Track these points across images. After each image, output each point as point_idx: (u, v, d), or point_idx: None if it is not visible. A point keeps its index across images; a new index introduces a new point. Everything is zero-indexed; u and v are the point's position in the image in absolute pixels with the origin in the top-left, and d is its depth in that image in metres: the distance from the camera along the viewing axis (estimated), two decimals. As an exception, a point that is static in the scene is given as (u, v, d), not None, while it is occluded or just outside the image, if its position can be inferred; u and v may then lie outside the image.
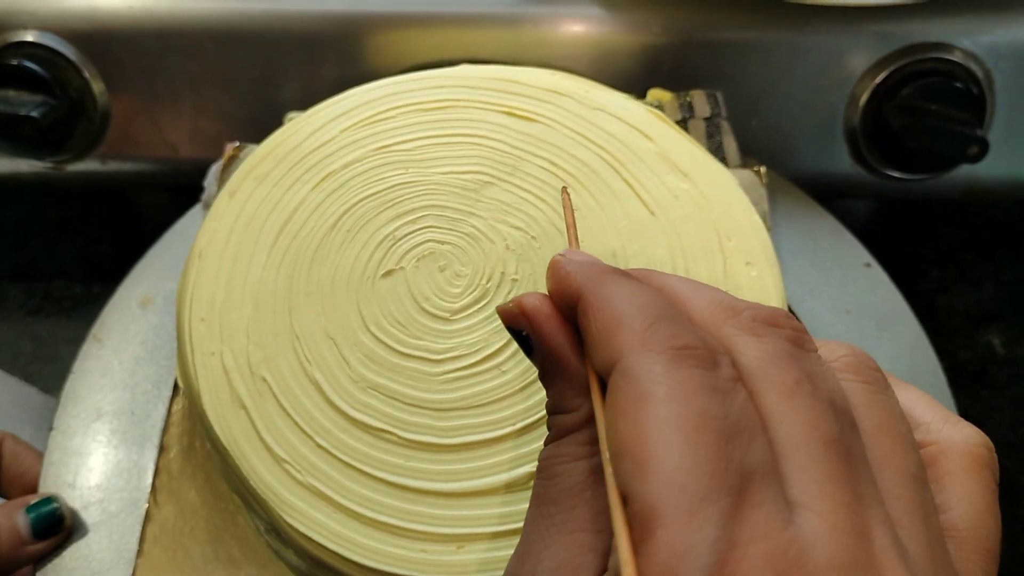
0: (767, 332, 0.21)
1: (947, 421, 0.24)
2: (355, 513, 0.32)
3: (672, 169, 0.39)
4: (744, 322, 0.22)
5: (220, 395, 0.35)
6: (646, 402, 0.19)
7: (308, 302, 0.36)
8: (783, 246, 0.49)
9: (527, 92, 0.41)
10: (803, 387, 0.20)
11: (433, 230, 0.37)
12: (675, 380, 0.19)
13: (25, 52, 0.53)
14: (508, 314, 0.25)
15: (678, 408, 0.19)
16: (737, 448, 0.18)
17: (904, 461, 0.21)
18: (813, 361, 0.21)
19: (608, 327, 0.21)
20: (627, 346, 0.20)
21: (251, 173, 0.40)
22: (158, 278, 0.48)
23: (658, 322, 0.21)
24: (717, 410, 0.19)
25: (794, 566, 0.17)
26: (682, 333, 0.20)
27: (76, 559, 0.40)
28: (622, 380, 0.20)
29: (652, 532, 0.17)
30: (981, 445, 0.23)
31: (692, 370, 0.19)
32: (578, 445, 0.22)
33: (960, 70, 0.53)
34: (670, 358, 0.20)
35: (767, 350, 0.21)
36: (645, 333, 0.20)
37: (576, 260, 0.24)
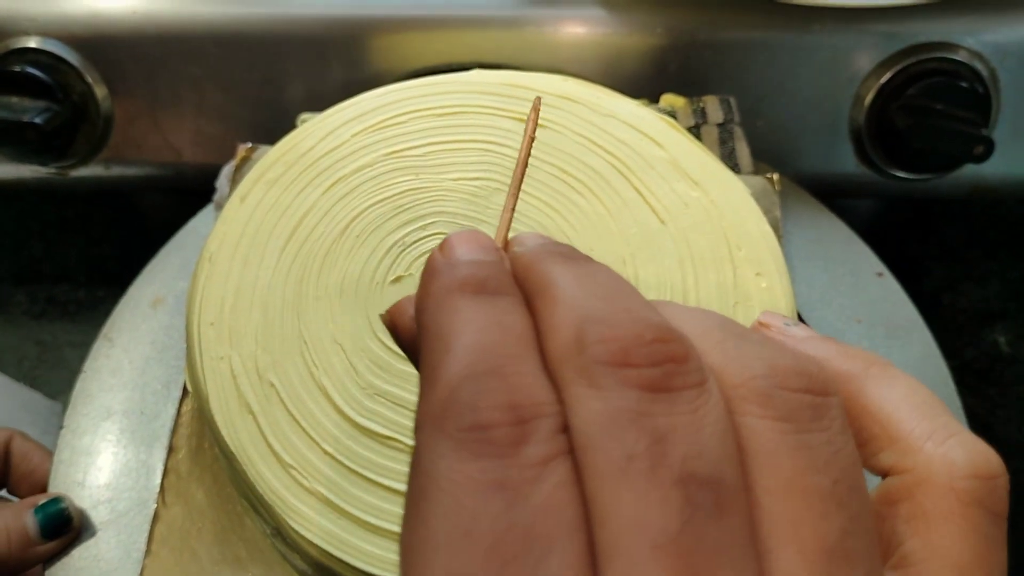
0: (606, 381, 0.16)
1: (931, 438, 0.19)
2: (360, 520, 0.32)
3: (683, 177, 0.39)
4: (585, 364, 0.16)
5: (228, 399, 0.35)
6: (419, 509, 0.16)
7: (317, 307, 0.36)
8: (795, 253, 0.48)
9: (538, 98, 0.41)
10: (635, 464, 0.15)
11: (442, 237, 0.37)
12: (453, 479, 0.15)
13: (28, 58, 0.54)
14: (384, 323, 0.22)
15: (445, 523, 0.15)
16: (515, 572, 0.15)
17: (814, 532, 0.16)
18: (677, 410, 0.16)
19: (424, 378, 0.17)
20: (423, 417, 0.17)
21: (262, 177, 0.40)
22: (169, 278, 0.48)
23: (466, 382, 0.16)
24: (493, 522, 0.15)
25: None
26: (485, 400, 0.16)
27: (85, 558, 0.40)
28: (412, 469, 0.17)
29: None
30: (968, 476, 0.18)
31: (476, 462, 0.15)
32: None
33: (965, 69, 0.52)
34: (454, 445, 0.16)
35: (600, 409, 0.16)
36: (445, 401, 0.16)
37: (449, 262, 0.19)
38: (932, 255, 0.67)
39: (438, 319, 0.18)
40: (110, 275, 0.65)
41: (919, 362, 0.45)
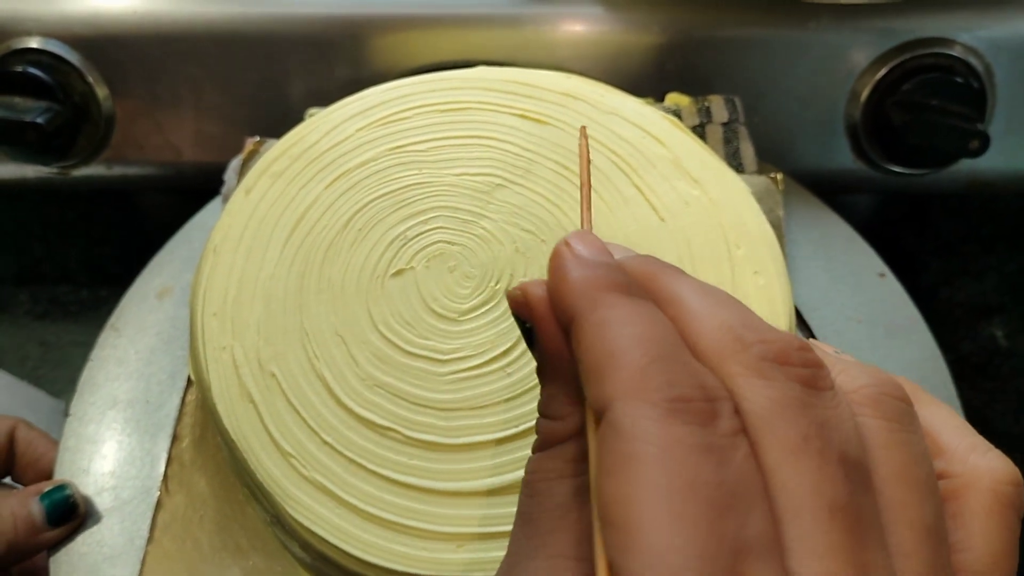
0: (775, 374, 0.19)
1: (974, 450, 0.22)
2: (358, 509, 0.33)
3: (684, 176, 0.39)
4: (751, 360, 0.19)
5: (230, 389, 0.35)
6: (634, 464, 0.18)
7: (318, 300, 0.37)
8: (796, 252, 0.49)
9: (541, 95, 0.41)
10: (811, 444, 0.18)
11: (444, 231, 0.38)
12: (666, 440, 0.18)
13: (29, 58, 0.54)
14: (513, 300, 0.24)
15: (668, 475, 0.17)
16: (731, 521, 0.17)
17: (919, 513, 0.19)
18: (828, 404, 0.19)
19: (600, 364, 0.19)
20: (618, 391, 0.19)
21: (267, 170, 0.40)
22: (176, 269, 0.49)
23: (654, 363, 0.19)
24: (710, 477, 0.17)
25: None
26: (679, 380, 0.19)
27: (88, 544, 0.41)
28: (611, 433, 0.18)
29: None
30: (1008, 482, 0.21)
31: (686, 427, 0.18)
32: (563, 461, 0.21)
33: (960, 65, 0.53)
34: (663, 412, 0.18)
35: (773, 397, 0.19)
36: (638, 377, 0.19)
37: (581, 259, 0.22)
38: (929, 249, 0.67)
39: (600, 312, 0.20)
40: (112, 275, 0.66)
41: (919, 363, 0.45)
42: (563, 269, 0.22)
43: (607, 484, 0.18)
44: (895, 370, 0.44)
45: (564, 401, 0.22)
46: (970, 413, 0.44)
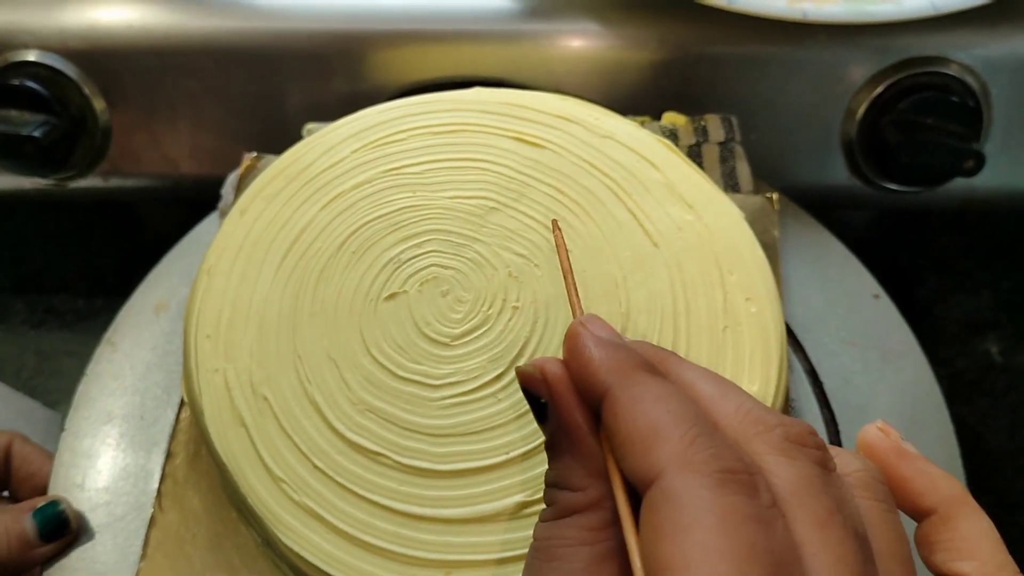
0: (799, 454, 0.21)
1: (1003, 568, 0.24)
2: (348, 535, 0.33)
3: (678, 201, 0.39)
4: (776, 440, 0.21)
5: (222, 412, 0.35)
6: (694, 530, 0.19)
7: (311, 323, 0.37)
8: (791, 273, 0.49)
9: (537, 118, 0.41)
10: (835, 517, 0.20)
11: (437, 255, 0.38)
12: (723, 509, 0.19)
13: (26, 72, 0.54)
14: (528, 377, 0.25)
15: (728, 540, 0.18)
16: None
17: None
18: (839, 484, 0.22)
19: (644, 436, 0.21)
20: (668, 463, 0.20)
21: (262, 191, 0.40)
22: (173, 284, 0.49)
23: (699, 439, 0.20)
24: (764, 544, 0.19)
25: None
26: (724, 454, 0.20)
27: (82, 560, 0.41)
28: (665, 502, 0.19)
29: None
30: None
31: (737, 497, 0.19)
32: (582, 529, 0.22)
33: (956, 84, 0.53)
34: (716, 483, 0.19)
35: (801, 475, 0.21)
36: (687, 451, 0.20)
37: (600, 339, 0.24)
38: (924, 266, 0.67)
39: (634, 388, 0.22)
40: (109, 285, 0.66)
41: (913, 386, 0.45)
42: (586, 348, 0.23)
43: (664, 548, 0.19)
44: (888, 393, 0.45)
45: (582, 473, 0.23)
46: (964, 430, 0.44)
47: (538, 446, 0.33)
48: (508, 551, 0.32)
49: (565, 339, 0.24)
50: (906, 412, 0.44)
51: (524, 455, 0.33)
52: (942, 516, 0.25)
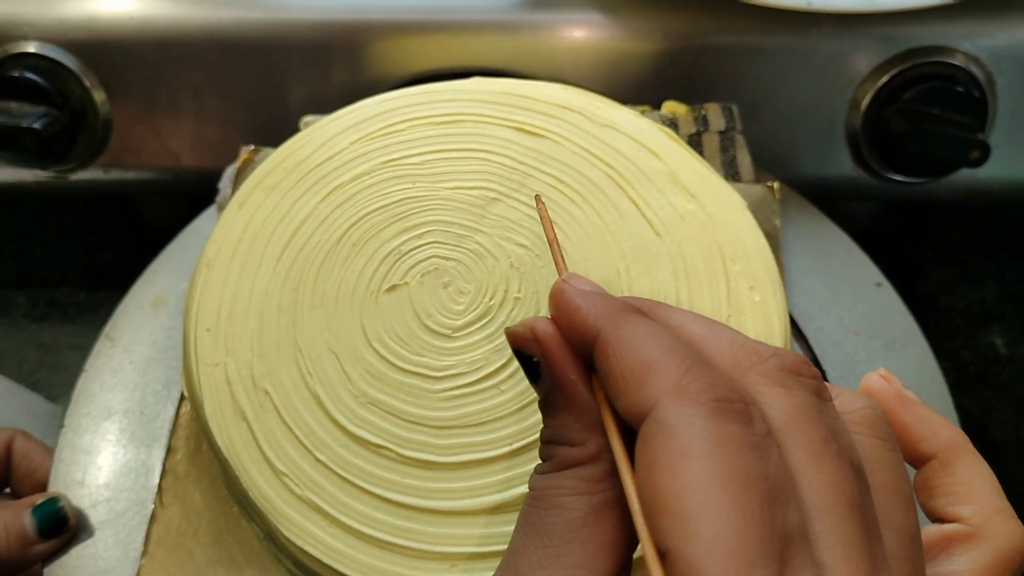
0: (794, 384, 0.21)
1: (1000, 513, 0.24)
2: (351, 528, 0.33)
3: (680, 190, 0.39)
4: (770, 371, 0.21)
5: (223, 406, 0.35)
6: (688, 458, 0.19)
7: (312, 315, 0.36)
8: (793, 263, 0.48)
9: (537, 107, 0.41)
10: (830, 446, 0.20)
11: (438, 246, 0.38)
12: (718, 436, 0.19)
13: (26, 63, 0.54)
14: (518, 338, 0.24)
15: (723, 467, 0.18)
16: (779, 511, 0.19)
17: (906, 522, 0.21)
18: (834, 414, 0.21)
19: (636, 371, 0.21)
20: (662, 394, 0.20)
21: (261, 183, 0.40)
22: (172, 279, 0.49)
23: (693, 369, 0.20)
24: (760, 470, 0.19)
25: None
26: (719, 383, 0.20)
27: (83, 557, 0.41)
28: (659, 431, 0.19)
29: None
30: (1017, 550, 0.24)
31: (733, 425, 0.19)
32: (581, 480, 0.22)
33: (961, 74, 0.52)
34: (711, 411, 0.19)
35: (796, 404, 0.21)
36: (681, 381, 0.20)
37: (584, 291, 0.23)
38: (929, 257, 0.67)
39: (625, 328, 0.22)
40: (110, 279, 0.66)
41: (916, 375, 0.45)
42: (572, 300, 0.23)
43: (659, 477, 0.19)
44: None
45: (579, 428, 0.23)
46: (968, 421, 0.44)
47: (542, 437, 0.33)
48: (512, 543, 0.32)
49: (550, 297, 0.24)
50: (910, 401, 0.44)
51: (527, 446, 0.33)
52: (941, 461, 0.25)
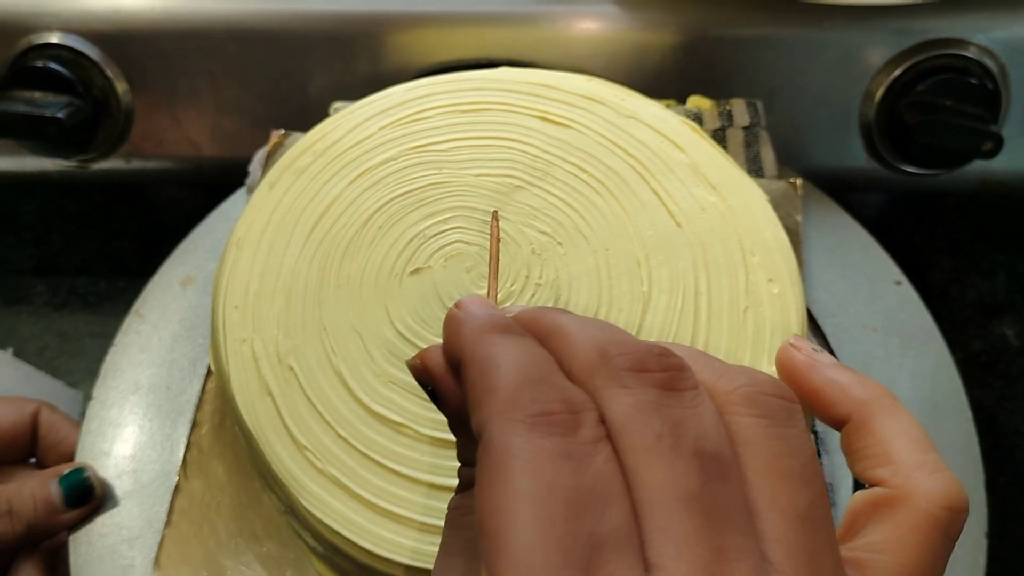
0: (633, 382, 0.21)
1: (922, 467, 0.23)
2: (371, 503, 0.33)
3: (702, 181, 0.39)
4: (612, 372, 0.21)
5: (249, 381, 0.36)
6: (502, 476, 0.19)
7: (337, 295, 0.37)
8: (813, 259, 0.49)
9: (563, 97, 0.42)
10: (663, 442, 0.20)
11: (462, 231, 0.38)
12: (530, 452, 0.19)
13: (49, 54, 0.55)
14: (414, 368, 0.25)
15: (528, 483, 0.19)
16: (587, 519, 0.18)
17: (790, 501, 0.20)
18: (685, 405, 0.21)
19: (478, 393, 0.21)
20: (491, 414, 0.20)
21: (291, 166, 0.41)
22: (200, 259, 0.50)
23: (523, 386, 0.20)
24: (568, 480, 0.19)
25: None
26: (544, 397, 0.20)
27: (108, 526, 0.42)
28: (484, 452, 0.20)
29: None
30: (944, 506, 0.22)
31: (548, 439, 0.19)
32: None
33: (975, 66, 0.52)
34: (529, 427, 0.19)
35: (631, 403, 0.20)
36: (508, 399, 0.20)
37: (467, 316, 0.24)
38: (940, 248, 0.67)
39: (481, 349, 0.22)
40: (129, 268, 0.67)
41: (932, 373, 0.45)
42: (454, 325, 0.24)
43: (482, 497, 0.19)
44: (908, 379, 0.45)
45: (473, 448, 0.22)
46: (979, 412, 0.45)
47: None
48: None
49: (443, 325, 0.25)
50: (926, 399, 0.44)
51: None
52: (855, 423, 0.24)
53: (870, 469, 0.24)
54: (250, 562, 0.40)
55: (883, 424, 0.24)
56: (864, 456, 0.24)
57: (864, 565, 0.22)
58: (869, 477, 0.24)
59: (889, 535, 0.22)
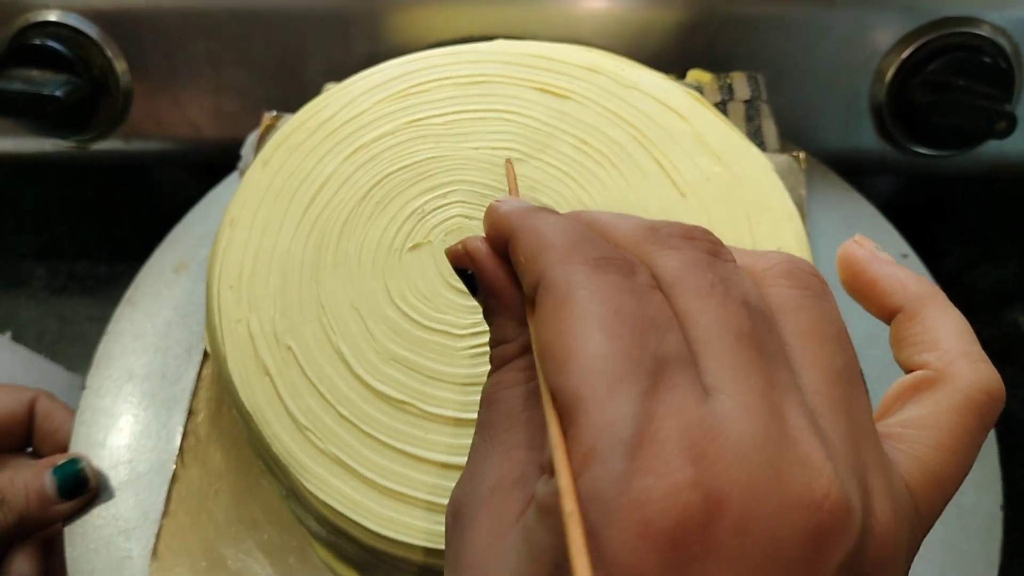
0: (684, 244, 0.22)
1: (965, 356, 0.24)
2: (373, 483, 0.32)
3: (706, 151, 0.38)
4: (662, 238, 0.23)
5: (246, 362, 0.35)
6: (568, 306, 0.20)
7: (335, 273, 0.36)
8: (818, 232, 0.48)
9: (562, 69, 0.41)
10: (716, 289, 0.21)
11: (462, 205, 0.37)
12: (594, 284, 0.20)
13: (48, 32, 0.54)
14: (454, 254, 0.26)
15: (596, 307, 0.20)
16: (652, 338, 0.19)
17: (829, 360, 0.21)
18: (728, 268, 0.22)
19: (534, 251, 0.22)
20: (550, 263, 0.21)
21: (284, 143, 0.40)
22: (193, 244, 0.49)
23: (580, 240, 0.22)
24: (631, 307, 0.20)
25: (708, 436, 0.18)
26: (601, 247, 0.22)
27: (104, 517, 0.41)
28: (545, 293, 0.21)
29: (576, 417, 0.19)
30: (982, 391, 0.23)
31: (611, 275, 0.21)
32: (516, 371, 0.24)
33: (988, 44, 0.52)
34: (591, 267, 0.21)
35: (683, 259, 0.22)
36: (567, 249, 0.21)
37: (509, 202, 0.25)
38: (951, 235, 0.66)
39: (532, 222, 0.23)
40: (129, 251, 0.66)
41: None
42: (497, 210, 0.25)
43: (544, 331, 0.20)
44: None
45: (512, 325, 0.24)
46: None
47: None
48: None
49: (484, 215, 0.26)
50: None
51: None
52: (908, 312, 0.25)
53: (916, 355, 0.24)
54: (250, 550, 0.39)
55: (934, 315, 0.25)
56: (912, 343, 0.25)
57: (898, 439, 0.22)
58: (914, 362, 0.24)
59: (927, 412, 0.23)
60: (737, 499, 0.18)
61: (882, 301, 0.26)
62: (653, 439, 0.18)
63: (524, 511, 0.21)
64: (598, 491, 0.18)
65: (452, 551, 0.22)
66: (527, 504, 0.21)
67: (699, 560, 0.18)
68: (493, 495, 0.22)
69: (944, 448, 0.22)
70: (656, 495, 0.17)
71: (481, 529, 0.21)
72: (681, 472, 0.18)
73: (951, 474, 0.22)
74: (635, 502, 0.18)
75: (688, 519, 0.17)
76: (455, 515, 0.23)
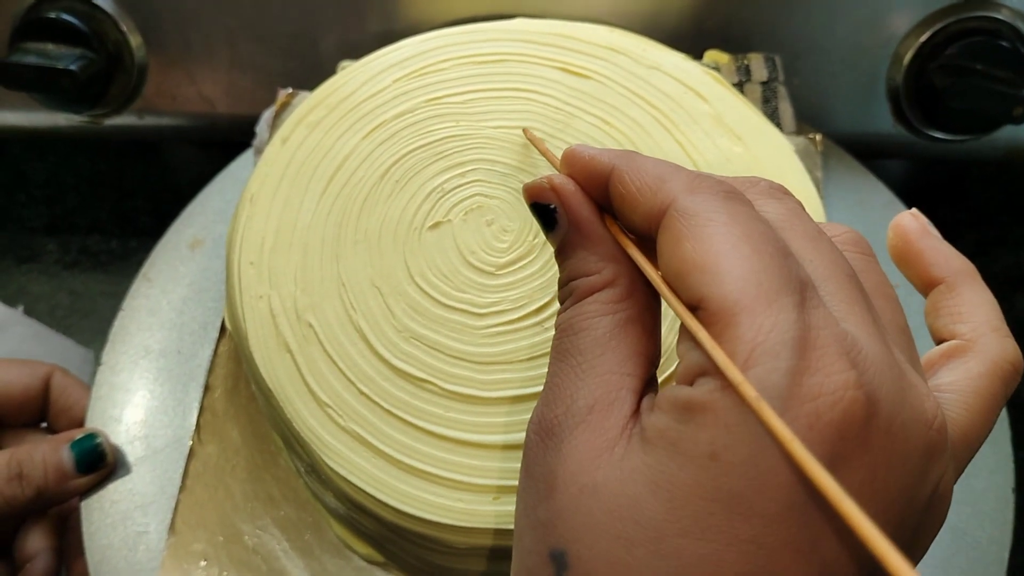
0: (783, 196, 0.24)
1: (995, 331, 0.26)
2: (394, 459, 0.33)
3: (726, 132, 0.38)
4: (762, 189, 0.25)
5: (267, 338, 0.35)
6: (710, 227, 0.21)
7: (355, 251, 0.36)
8: (834, 216, 0.48)
9: (583, 48, 0.41)
10: (822, 235, 0.23)
11: (482, 184, 0.37)
12: (732, 210, 0.22)
13: (63, 5, 0.53)
14: (537, 189, 0.26)
15: (741, 229, 0.21)
16: (792, 261, 0.21)
17: (894, 316, 0.24)
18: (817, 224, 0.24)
19: (652, 183, 0.23)
20: (677, 192, 0.22)
21: (304, 120, 0.40)
22: (208, 221, 0.49)
23: (699, 175, 0.23)
24: (771, 234, 0.21)
25: (853, 350, 0.20)
26: (722, 182, 0.23)
27: (120, 492, 0.41)
28: (679, 217, 0.22)
29: (735, 322, 0.20)
30: (1009, 362, 0.25)
31: (743, 206, 0.22)
32: (602, 303, 0.24)
33: (1006, 28, 0.51)
34: (723, 197, 0.22)
35: (788, 208, 0.24)
36: (692, 182, 0.23)
37: (589, 147, 0.26)
38: (965, 220, 0.66)
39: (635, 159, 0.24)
40: (142, 226, 0.66)
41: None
42: (585, 151, 0.26)
43: (685, 247, 0.21)
44: (930, 340, 0.44)
45: (595, 259, 0.25)
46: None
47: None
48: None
49: (563, 157, 0.26)
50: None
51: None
52: (948, 285, 0.27)
53: (951, 324, 0.27)
54: (267, 526, 0.39)
55: (971, 291, 0.27)
56: (947, 313, 0.27)
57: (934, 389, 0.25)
58: (948, 331, 0.27)
59: (959, 378, 0.25)
60: (887, 403, 0.20)
61: (926, 271, 0.28)
62: (815, 343, 0.20)
63: (626, 427, 0.22)
64: (772, 384, 0.19)
65: (545, 465, 0.23)
66: (627, 421, 0.22)
67: (855, 455, 0.19)
68: (592, 413, 0.23)
69: (973, 410, 0.24)
70: (827, 389, 0.19)
71: (583, 444, 0.22)
72: (845, 373, 0.19)
73: (977, 435, 0.24)
74: (807, 395, 0.19)
75: (853, 415, 0.19)
76: (546, 433, 0.23)
